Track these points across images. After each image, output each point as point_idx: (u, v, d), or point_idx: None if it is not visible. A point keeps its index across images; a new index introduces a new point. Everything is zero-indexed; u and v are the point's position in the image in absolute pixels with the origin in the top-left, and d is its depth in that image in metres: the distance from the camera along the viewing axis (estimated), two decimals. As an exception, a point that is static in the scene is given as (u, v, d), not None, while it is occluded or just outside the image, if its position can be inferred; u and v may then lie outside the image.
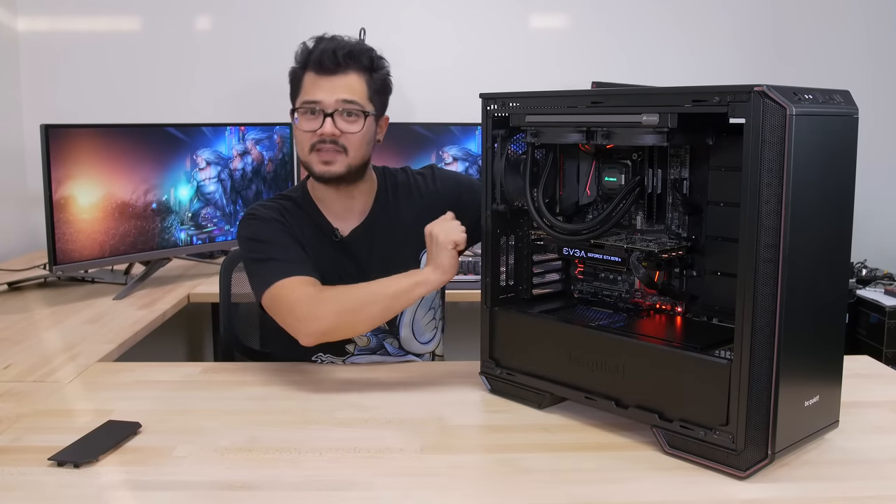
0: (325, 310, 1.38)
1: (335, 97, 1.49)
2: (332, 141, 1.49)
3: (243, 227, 1.55)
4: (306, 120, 1.50)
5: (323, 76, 1.50)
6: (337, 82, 1.50)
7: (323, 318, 1.38)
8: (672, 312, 1.33)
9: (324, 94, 1.49)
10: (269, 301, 1.44)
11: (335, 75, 1.50)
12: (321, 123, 1.49)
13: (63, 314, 1.99)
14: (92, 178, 2.15)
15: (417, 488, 1.07)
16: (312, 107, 1.50)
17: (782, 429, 1.05)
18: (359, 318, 1.39)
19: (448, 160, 2.80)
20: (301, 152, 1.54)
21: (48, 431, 1.24)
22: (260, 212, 1.55)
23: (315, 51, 1.50)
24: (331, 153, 1.50)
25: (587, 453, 1.17)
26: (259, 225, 1.53)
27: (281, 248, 1.49)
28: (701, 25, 3.11)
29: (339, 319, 1.38)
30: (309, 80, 1.51)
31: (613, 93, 1.23)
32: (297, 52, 1.54)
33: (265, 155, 2.65)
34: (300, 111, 1.51)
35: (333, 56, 1.49)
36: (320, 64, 1.49)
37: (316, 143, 1.50)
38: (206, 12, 3.03)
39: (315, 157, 1.51)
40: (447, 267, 1.36)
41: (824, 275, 1.10)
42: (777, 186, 1.00)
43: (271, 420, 1.30)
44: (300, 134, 1.52)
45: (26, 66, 2.98)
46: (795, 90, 1.02)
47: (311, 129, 1.50)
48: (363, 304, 1.38)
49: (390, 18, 3.01)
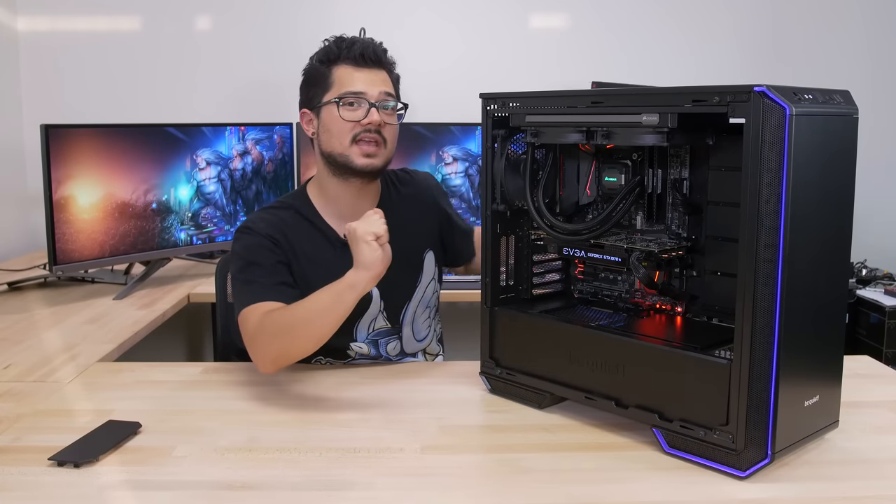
0: (265, 339, 1.37)
1: (378, 89, 1.52)
2: (376, 131, 1.51)
3: (237, 239, 1.55)
4: (348, 111, 1.50)
5: (363, 69, 1.52)
6: (375, 76, 1.53)
7: (266, 346, 1.37)
8: (672, 312, 1.33)
9: (366, 85, 1.51)
10: (240, 326, 1.45)
11: (373, 69, 1.53)
12: (365, 113, 1.50)
13: (63, 314, 1.99)
14: (92, 178, 2.15)
15: (417, 488, 1.07)
16: (357, 98, 1.50)
17: (782, 429, 1.05)
18: (299, 340, 1.36)
19: (448, 160, 2.80)
20: (338, 145, 1.52)
21: (48, 431, 1.24)
22: (256, 226, 1.53)
23: (354, 44, 1.53)
24: (373, 145, 1.51)
25: (587, 453, 1.17)
26: (250, 242, 1.51)
27: (261, 273, 1.48)
28: (701, 25, 3.11)
29: (280, 345, 1.36)
30: (345, 73, 1.52)
31: (613, 93, 1.23)
32: (323, 50, 1.55)
33: (265, 155, 2.65)
34: (343, 102, 1.50)
35: (374, 50, 1.53)
36: (363, 57, 1.52)
37: (359, 133, 1.50)
38: (206, 12, 3.03)
39: (356, 150, 1.51)
40: (369, 262, 1.30)
41: (824, 275, 1.10)
42: (777, 186, 1.00)
43: (271, 420, 1.30)
44: (340, 124, 1.50)
45: (26, 66, 2.98)
46: (795, 90, 1.02)
47: (355, 118, 1.50)
48: (299, 324, 1.36)
49: (390, 18, 3.01)
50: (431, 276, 1.67)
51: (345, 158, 1.52)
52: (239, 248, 1.53)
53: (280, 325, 1.37)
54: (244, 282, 1.48)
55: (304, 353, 1.39)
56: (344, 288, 1.32)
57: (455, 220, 1.76)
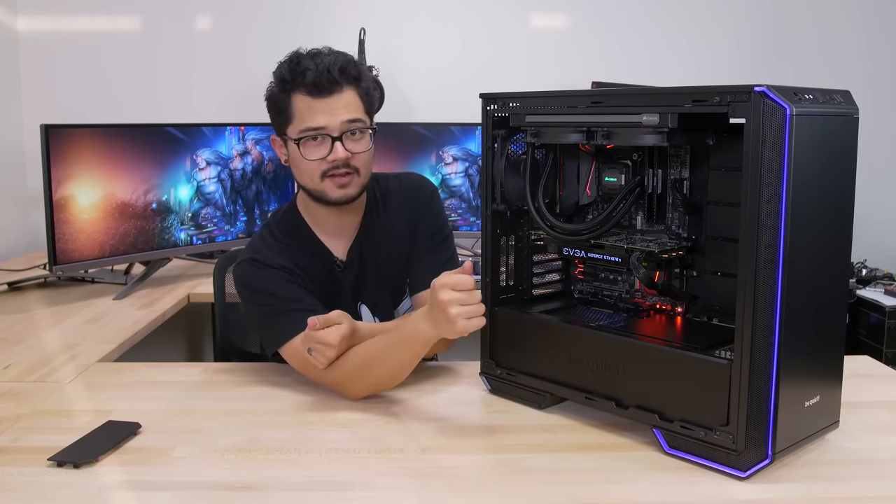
0: (355, 386, 1.37)
1: (339, 119, 1.40)
2: (344, 165, 1.42)
3: (246, 273, 1.47)
4: (311, 148, 1.41)
5: (319, 98, 1.40)
6: (335, 103, 1.40)
7: (359, 387, 1.37)
8: (672, 312, 1.33)
9: (326, 117, 1.40)
10: (288, 358, 1.43)
11: (332, 95, 1.40)
12: (329, 149, 1.41)
13: (63, 314, 1.99)
14: (92, 178, 2.15)
15: (417, 488, 1.07)
16: (316, 133, 1.40)
17: (782, 429, 1.05)
18: (389, 378, 1.38)
19: (448, 160, 2.80)
20: (309, 181, 1.45)
21: (48, 431, 1.24)
22: (264, 257, 1.47)
23: (305, 71, 1.39)
24: (344, 177, 1.43)
25: (587, 453, 1.17)
26: (264, 275, 1.45)
27: (285, 300, 1.43)
28: (701, 25, 3.11)
29: (368, 387, 1.37)
30: (303, 105, 1.40)
31: (613, 93, 1.23)
32: (278, 73, 1.43)
33: (265, 155, 2.65)
34: (304, 140, 1.41)
35: (329, 75, 1.38)
36: (315, 86, 1.39)
37: (328, 170, 1.42)
38: (205, 12, 3.03)
39: (329, 184, 1.44)
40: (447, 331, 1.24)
41: (824, 275, 1.10)
42: (777, 186, 1.00)
43: (271, 420, 1.30)
44: (306, 164, 1.42)
45: (26, 66, 2.98)
46: (796, 90, 1.02)
47: (319, 156, 1.41)
48: (384, 369, 1.36)
49: (390, 19, 3.01)
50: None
51: (319, 193, 1.46)
52: (253, 283, 1.46)
53: (359, 372, 1.36)
54: (277, 312, 1.43)
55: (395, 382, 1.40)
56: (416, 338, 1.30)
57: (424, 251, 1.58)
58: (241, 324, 1.93)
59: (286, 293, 1.44)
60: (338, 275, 1.54)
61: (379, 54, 2.90)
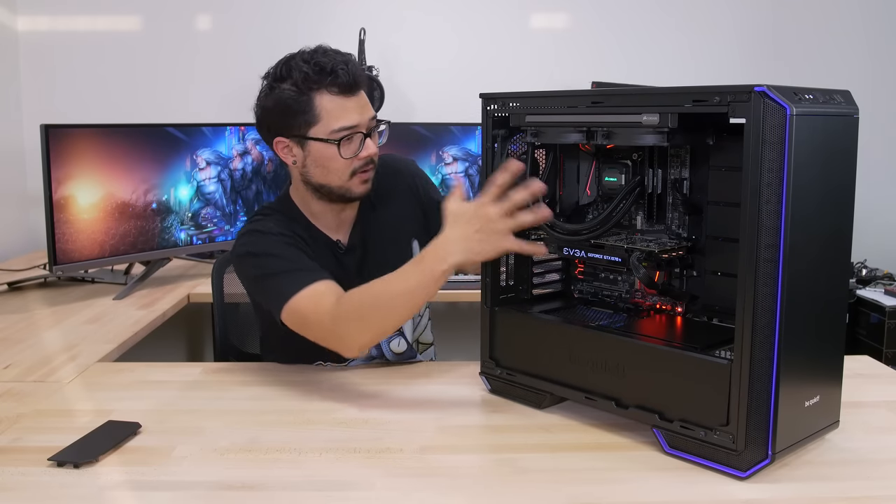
0: (350, 325, 1.32)
1: (367, 116, 1.45)
2: (371, 161, 1.48)
3: (247, 242, 1.48)
4: (345, 147, 1.44)
5: (350, 96, 1.43)
6: (360, 101, 1.45)
7: (355, 333, 1.33)
8: (672, 312, 1.32)
9: (357, 116, 1.44)
10: (291, 316, 1.38)
11: (358, 93, 1.45)
12: (359, 146, 1.45)
13: (63, 314, 1.99)
14: (92, 178, 2.15)
15: (417, 488, 1.07)
16: (352, 132, 1.43)
17: (782, 429, 1.05)
18: (389, 322, 1.34)
19: (448, 160, 2.80)
20: (337, 180, 1.47)
21: (48, 431, 1.24)
22: (264, 226, 1.48)
23: (338, 71, 1.41)
24: (370, 172, 1.49)
25: (587, 453, 1.17)
26: (266, 240, 1.46)
27: (288, 259, 1.43)
28: (701, 25, 3.11)
29: (371, 331, 1.33)
30: (332, 104, 1.42)
31: (613, 93, 1.23)
32: (302, 75, 1.41)
33: (265, 155, 2.65)
34: (344, 140, 1.43)
35: (353, 74, 1.43)
36: (348, 85, 1.42)
37: (359, 167, 1.46)
38: (206, 12, 3.03)
39: (356, 180, 1.47)
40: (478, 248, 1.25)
41: (824, 275, 1.09)
42: (777, 186, 1.00)
43: (271, 420, 1.30)
44: (340, 162, 1.44)
45: (26, 66, 2.98)
46: (796, 90, 1.02)
47: (353, 153, 1.44)
48: (385, 306, 1.31)
49: (390, 18, 3.01)
50: None
51: (343, 190, 1.48)
52: (254, 249, 1.46)
53: (363, 313, 1.32)
54: (279, 273, 1.41)
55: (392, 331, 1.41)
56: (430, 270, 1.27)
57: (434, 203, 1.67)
58: (241, 324, 1.93)
59: (290, 254, 1.44)
60: (341, 257, 1.56)
61: (379, 54, 2.91)
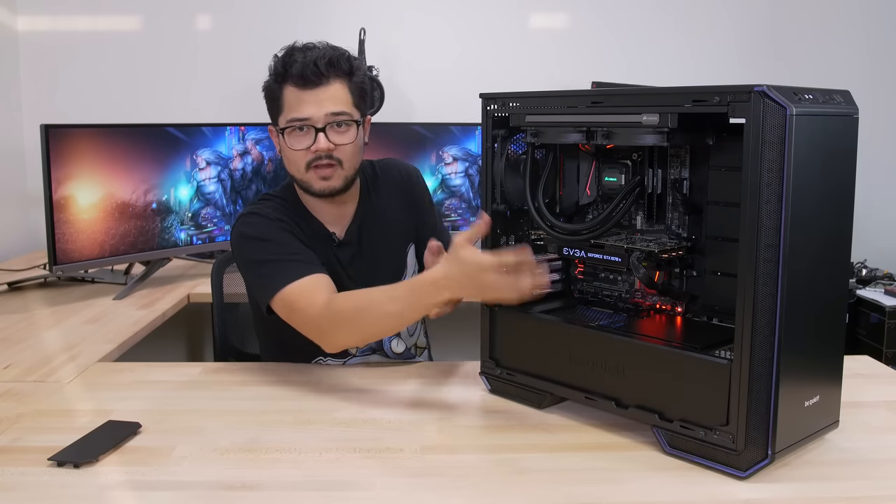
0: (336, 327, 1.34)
1: (324, 111, 1.44)
2: (327, 156, 1.46)
3: (244, 224, 1.50)
4: (296, 138, 1.46)
5: (306, 90, 1.44)
6: (321, 94, 1.44)
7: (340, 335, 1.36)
8: (672, 312, 1.32)
9: (311, 109, 1.44)
10: (280, 304, 1.39)
11: (318, 87, 1.44)
12: (313, 139, 1.45)
13: (63, 314, 1.99)
14: (92, 178, 2.15)
15: (417, 488, 1.07)
16: (301, 124, 1.45)
17: (782, 429, 1.05)
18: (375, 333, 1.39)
19: (448, 160, 2.80)
20: (296, 171, 1.50)
21: (48, 431, 1.24)
22: (263, 210, 1.51)
23: (293, 64, 1.43)
24: (327, 168, 1.47)
25: (587, 453, 1.17)
26: (264, 224, 1.48)
27: (286, 247, 1.45)
28: (700, 25, 3.11)
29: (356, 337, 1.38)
30: (292, 96, 1.45)
31: (613, 93, 1.23)
32: (271, 66, 1.48)
33: (265, 155, 2.65)
34: (289, 130, 1.46)
35: (315, 67, 1.43)
36: (302, 77, 1.43)
37: (312, 161, 1.46)
38: (206, 12, 3.03)
39: (313, 175, 1.48)
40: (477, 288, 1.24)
41: (824, 275, 1.10)
42: (777, 186, 1.00)
43: (271, 420, 1.30)
44: (292, 153, 1.47)
45: (26, 66, 2.98)
46: (795, 90, 1.02)
47: (303, 146, 1.46)
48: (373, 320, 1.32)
49: (390, 18, 3.01)
50: (413, 271, 1.66)
51: (304, 184, 1.51)
52: (251, 231, 1.48)
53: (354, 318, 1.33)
54: (272, 261, 1.43)
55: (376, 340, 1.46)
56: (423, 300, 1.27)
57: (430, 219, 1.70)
58: (240, 324, 1.93)
59: (285, 241, 1.46)
60: (334, 250, 1.56)
61: (379, 54, 2.91)
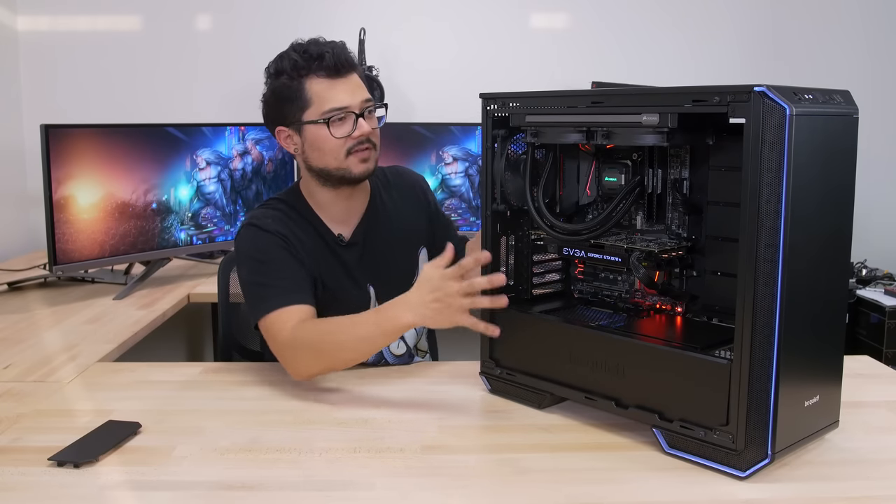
0: (303, 354, 1.38)
1: (359, 98, 1.49)
2: (367, 140, 1.50)
3: (244, 237, 1.53)
4: (338, 127, 1.48)
5: (339, 79, 1.48)
6: (352, 83, 1.50)
7: (305, 363, 1.39)
8: (672, 312, 1.33)
9: (348, 97, 1.48)
10: (263, 331, 1.45)
11: (349, 75, 1.50)
12: (353, 126, 1.48)
13: (63, 314, 1.99)
14: (92, 178, 2.15)
15: (417, 488, 1.07)
16: (342, 112, 1.48)
17: (782, 429, 1.05)
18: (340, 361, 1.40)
19: (448, 160, 2.80)
20: (333, 160, 1.50)
21: (48, 431, 1.24)
22: (263, 222, 1.51)
23: (324, 55, 1.47)
24: (366, 151, 1.51)
25: (587, 453, 1.17)
26: (261, 240, 1.49)
27: (278, 271, 1.47)
28: (700, 25, 3.11)
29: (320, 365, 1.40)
30: (322, 87, 1.47)
31: (613, 93, 1.23)
32: (291, 63, 1.48)
33: (265, 155, 2.65)
34: (332, 120, 1.47)
35: (343, 56, 1.48)
36: (335, 67, 1.47)
37: (353, 147, 1.49)
38: (206, 12, 3.03)
39: (353, 160, 1.50)
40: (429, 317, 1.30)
41: (824, 275, 1.10)
42: (777, 186, 1.00)
43: (271, 420, 1.30)
44: (331, 142, 1.48)
45: (26, 66, 2.98)
46: (795, 90, 1.02)
47: (345, 133, 1.48)
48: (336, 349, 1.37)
49: (390, 18, 3.01)
50: None
51: (342, 171, 1.51)
52: (248, 247, 1.51)
53: (318, 344, 1.38)
54: (261, 285, 1.47)
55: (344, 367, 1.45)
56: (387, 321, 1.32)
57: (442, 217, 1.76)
58: (243, 321, 1.93)
59: (278, 262, 1.48)
60: (340, 251, 1.57)
61: (379, 54, 2.91)
